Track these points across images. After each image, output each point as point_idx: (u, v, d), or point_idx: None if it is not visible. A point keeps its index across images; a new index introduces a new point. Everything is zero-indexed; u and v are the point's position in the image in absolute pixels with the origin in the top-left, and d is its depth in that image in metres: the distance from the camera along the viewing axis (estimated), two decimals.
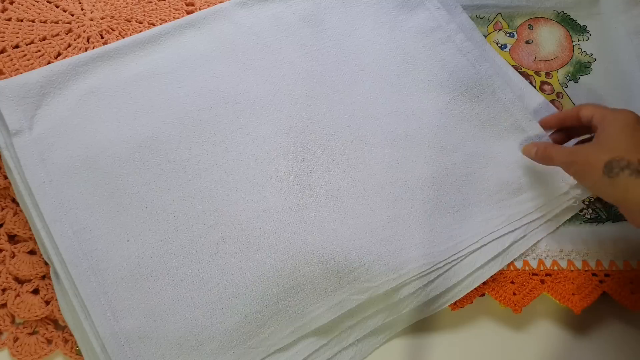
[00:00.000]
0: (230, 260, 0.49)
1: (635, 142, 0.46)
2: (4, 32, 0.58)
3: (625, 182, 0.44)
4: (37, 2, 0.60)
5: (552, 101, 0.60)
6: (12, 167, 0.50)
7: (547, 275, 0.53)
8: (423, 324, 0.52)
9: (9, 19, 0.59)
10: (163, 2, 0.62)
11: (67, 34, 0.59)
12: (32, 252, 0.52)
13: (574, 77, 0.63)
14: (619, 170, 0.44)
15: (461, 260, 0.52)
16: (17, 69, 0.56)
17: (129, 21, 0.61)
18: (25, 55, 0.57)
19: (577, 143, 0.55)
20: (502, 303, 0.52)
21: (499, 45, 0.64)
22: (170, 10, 0.62)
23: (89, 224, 0.48)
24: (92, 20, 0.60)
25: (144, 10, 0.61)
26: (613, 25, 0.65)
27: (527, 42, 0.65)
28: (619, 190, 0.45)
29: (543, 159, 0.52)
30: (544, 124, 0.56)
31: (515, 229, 0.53)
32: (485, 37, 0.63)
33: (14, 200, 0.53)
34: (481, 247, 0.52)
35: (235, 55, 0.57)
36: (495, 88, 0.58)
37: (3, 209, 0.53)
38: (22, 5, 0.60)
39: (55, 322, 0.51)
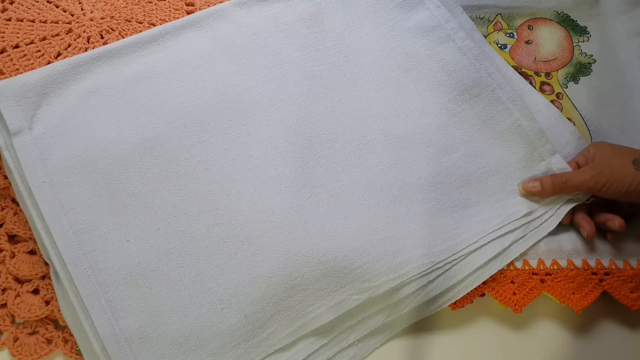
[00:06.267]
0: (230, 260, 0.49)
1: (627, 149, 0.52)
2: (4, 32, 0.58)
3: None
4: (37, 2, 0.60)
5: (552, 102, 0.60)
6: (12, 167, 0.50)
7: (547, 274, 0.53)
8: (423, 324, 0.52)
9: (9, 19, 0.59)
10: (163, 2, 0.62)
11: (67, 34, 0.59)
12: (32, 252, 0.52)
13: (574, 77, 0.63)
14: None
15: (461, 260, 0.52)
16: (17, 69, 0.56)
17: (129, 21, 0.61)
18: (25, 55, 0.57)
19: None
20: (502, 303, 0.52)
21: (499, 45, 0.64)
22: (170, 10, 0.62)
23: (89, 224, 0.48)
24: (92, 20, 0.60)
25: (144, 10, 0.61)
26: (613, 26, 0.65)
27: (527, 42, 0.65)
28: None
29: (555, 187, 0.53)
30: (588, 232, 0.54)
31: (515, 229, 0.53)
32: (485, 37, 0.63)
33: (14, 200, 0.53)
34: (481, 246, 0.52)
35: (235, 55, 0.57)
36: (495, 87, 0.58)
37: (3, 209, 0.53)
38: (22, 5, 0.60)
39: (55, 322, 0.51)
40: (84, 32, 0.59)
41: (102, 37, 0.59)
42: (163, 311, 0.47)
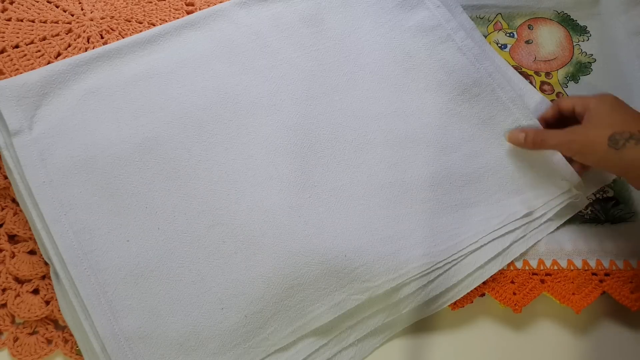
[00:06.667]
0: (230, 260, 0.49)
1: (629, 117, 0.49)
2: (4, 32, 0.58)
3: (633, 152, 0.47)
4: (37, 2, 0.60)
5: (552, 101, 0.60)
6: (12, 167, 0.50)
7: (547, 274, 0.53)
8: (423, 324, 0.52)
9: (9, 19, 0.59)
10: (163, 2, 0.62)
11: (67, 34, 0.59)
12: (32, 252, 0.52)
13: (574, 77, 0.63)
14: (624, 142, 0.47)
15: (461, 260, 0.52)
16: (17, 69, 0.56)
17: (129, 21, 0.61)
18: (25, 55, 0.57)
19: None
20: (502, 303, 0.52)
21: (499, 45, 0.64)
22: (170, 10, 0.62)
23: (89, 224, 0.48)
24: (92, 20, 0.60)
25: (144, 10, 0.61)
26: (613, 25, 0.65)
27: (527, 42, 0.65)
28: (626, 160, 0.47)
29: (535, 144, 0.53)
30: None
31: (515, 229, 0.53)
32: (485, 37, 0.63)
33: (14, 200, 0.53)
34: (481, 246, 0.52)
35: (235, 55, 0.57)
36: (495, 87, 0.58)
37: (3, 209, 0.53)
38: (22, 5, 0.60)
39: (55, 322, 0.51)
40: (84, 32, 0.59)
41: (102, 37, 0.59)
42: (163, 311, 0.47)
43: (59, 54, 0.58)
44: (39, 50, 0.58)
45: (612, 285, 0.52)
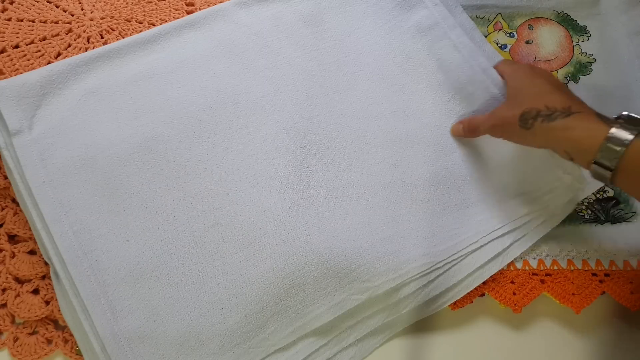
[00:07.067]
0: (230, 260, 0.49)
1: (536, 91, 0.49)
2: (4, 32, 0.58)
3: (542, 129, 0.47)
4: (37, 2, 0.60)
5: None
6: (12, 167, 0.50)
7: (547, 275, 0.53)
8: (423, 324, 0.52)
9: (9, 19, 0.59)
10: (163, 2, 0.62)
11: (67, 34, 0.59)
12: (32, 252, 0.52)
13: (574, 77, 0.63)
14: (532, 121, 0.47)
15: (461, 260, 0.52)
16: (17, 69, 0.56)
17: (129, 21, 0.61)
18: (25, 55, 0.57)
19: None
20: (502, 303, 0.52)
21: (499, 45, 0.64)
22: (170, 10, 0.62)
23: (89, 224, 0.48)
24: (92, 20, 0.60)
25: (144, 10, 0.61)
26: (613, 25, 0.65)
27: (527, 42, 0.65)
28: (540, 137, 0.47)
29: (470, 131, 0.55)
30: None
31: (515, 229, 0.53)
32: (486, 37, 0.63)
33: (14, 200, 0.53)
34: (481, 246, 0.52)
35: (235, 55, 0.57)
36: (489, 83, 0.56)
37: (3, 209, 0.53)
38: (22, 5, 0.60)
39: (55, 322, 0.51)
40: (84, 32, 0.59)
41: (102, 37, 0.59)
42: (163, 311, 0.47)
43: (59, 54, 0.58)
44: (39, 50, 0.58)
45: (612, 285, 0.52)
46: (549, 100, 0.47)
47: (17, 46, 0.58)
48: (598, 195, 0.57)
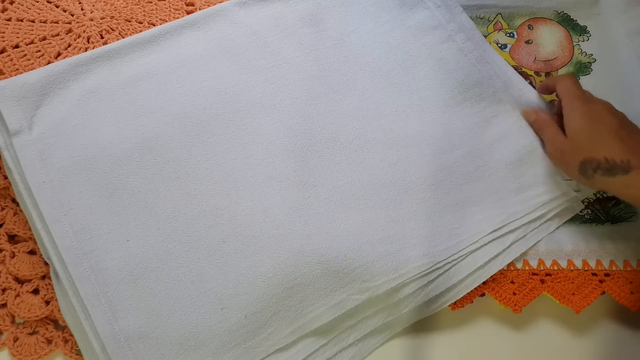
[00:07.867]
0: (230, 260, 0.49)
1: (596, 138, 0.49)
2: (4, 32, 0.58)
3: (601, 181, 0.49)
4: (37, 2, 0.60)
5: (551, 101, 0.60)
6: (12, 167, 0.50)
7: (547, 275, 0.53)
8: (423, 324, 0.52)
9: (9, 19, 0.59)
10: (163, 2, 0.62)
11: (67, 34, 0.59)
12: (32, 252, 0.52)
13: None
14: (592, 173, 0.49)
15: (461, 260, 0.52)
16: (17, 69, 0.56)
17: (129, 21, 0.61)
18: (25, 55, 0.57)
19: None
20: (502, 303, 0.52)
21: (499, 45, 0.64)
22: (170, 10, 0.62)
23: (89, 224, 0.48)
24: (92, 20, 0.60)
25: (144, 10, 0.61)
26: (613, 25, 0.65)
27: (527, 42, 0.65)
28: (599, 186, 0.51)
29: (538, 130, 0.56)
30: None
31: (516, 229, 0.53)
32: (485, 37, 0.63)
33: (14, 200, 0.53)
34: (481, 246, 0.52)
35: (235, 55, 0.57)
36: (497, 89, 0.58)
37: (3, 209, 0.53)
38: (22, 5, 0.60)
39: (55, 322, 0.51)
40: (84, 32, 0.59)
41: (102, 37, 0.59)
42: (163, 311, 0.47)
43: (59, 54, 0.58)
44: (39, 50, 0.58)
45: (612, 285, 0.52)
46: (608, 152, 0.48)
47: (17, 46, 0.58)
48: (598, 195, 0.57)
